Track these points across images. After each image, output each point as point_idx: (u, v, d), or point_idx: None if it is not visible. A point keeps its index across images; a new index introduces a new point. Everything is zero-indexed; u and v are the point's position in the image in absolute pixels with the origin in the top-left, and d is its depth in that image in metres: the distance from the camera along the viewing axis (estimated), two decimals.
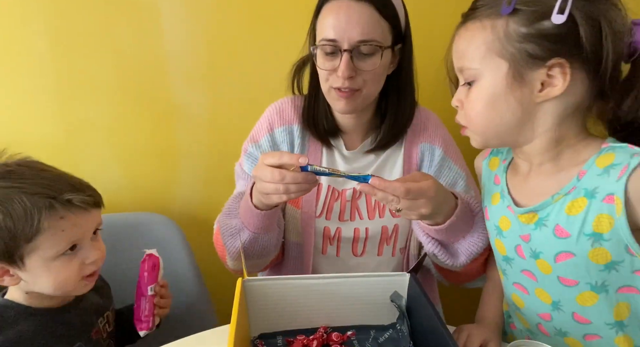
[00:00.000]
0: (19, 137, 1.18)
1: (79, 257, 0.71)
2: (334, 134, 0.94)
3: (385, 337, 0.73)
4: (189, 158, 1.26)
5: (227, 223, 0.86)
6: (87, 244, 0.72)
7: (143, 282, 0.81)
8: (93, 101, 1.17)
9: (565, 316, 0.68)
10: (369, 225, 0.93)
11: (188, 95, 1.20)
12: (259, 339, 0.73)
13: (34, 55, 1.12)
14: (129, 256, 1.11)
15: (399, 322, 0.73)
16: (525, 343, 0.61)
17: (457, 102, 0.68)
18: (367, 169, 0.94)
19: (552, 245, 0.64)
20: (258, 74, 1.18)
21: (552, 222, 0.64)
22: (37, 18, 1.09)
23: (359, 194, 0.93)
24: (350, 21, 0.77)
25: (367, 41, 0.78)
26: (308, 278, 0.74)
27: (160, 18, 1.13)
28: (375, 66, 0.81)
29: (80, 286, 0.73)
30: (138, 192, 1.27)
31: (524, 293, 0.73)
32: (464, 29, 0.65)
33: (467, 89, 0.66)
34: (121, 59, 1.15)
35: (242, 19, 1.14)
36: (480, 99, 0.64)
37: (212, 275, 1.19)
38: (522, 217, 0.69)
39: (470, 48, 0.64)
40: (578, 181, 0.62)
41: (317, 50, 0.83)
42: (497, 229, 0.74)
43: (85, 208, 0.70)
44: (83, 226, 0.71)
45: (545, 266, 0.67)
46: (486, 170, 0.80)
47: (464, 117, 0.68)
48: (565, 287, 0.66)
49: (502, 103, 0.63)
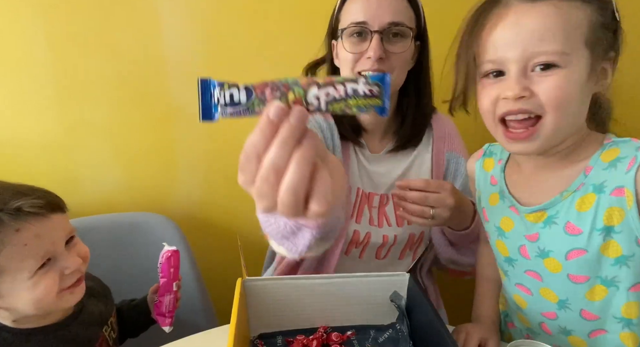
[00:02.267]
0: (18, 137, 1.18)
1: (56, 270, 0.65)
2: (358, 133, 0.92)
3: (385, 337, 0.73)
4: (189, 158, 1.26)
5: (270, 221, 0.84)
6: (62, 254, 0.66)
7: (169, 279, 0.81)
8: (92, 101, 1.17)
9: (572, 313, 0.67)
10: (397, 232, 0.93)
11: (187, 96, 1.20)
12: (258, 339, 0.73)
13: (33, 56, 1.12)
14: (129, 256, 1.11)
15: (398, 322, 0.73)
16: (525, 343, 0.61)
17: (525, 91, 0.58)
18: (394, 172, 0.93)
19: (563, 243, 0.64)
20: (258, 74, 1.17)
21: (562, 220, 0.64)
22: (36, 18, 1.09)
23: (386, 200, 0.92)
24: (381, 4, 0.79)
25: (397, 23, 0.79)
26: (308, 278, 0.74)
27: (160, 18, 1.13)
28: (405, 48, 0.81)
29: (65, 299, 0.67)
30: (138, 192, 1.26)
31: (527, 294, 0.72)
32: (549, 4, 0.57)
33: (538, 75, 0.58)
34: (120, 59, 1.15)
35: (242, 19, 1.14)
36: (563, 87, 0.58)
37: (212, 275, 1.19)
38: (529, 217, 0.68)
39: (563, 28, 0.57)
40: (585, 177, 0.62)
41: (343, 36, 0.82)
42: (498, 230, 0.73)
43: (42, 214, 0.64)
44: (48, 235, 0.64)
45: (554, 264, 0.66)
46: (480, 171, 0.79)
47: (537, 107, 0.59)
48: (575, 285, 0.65)
49: (580, 92, 0.59)
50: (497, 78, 0.62)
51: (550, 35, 0.57)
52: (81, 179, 1.23)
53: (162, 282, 0.81)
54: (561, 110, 0.58)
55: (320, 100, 0.38)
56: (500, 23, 0.60)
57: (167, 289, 0.81)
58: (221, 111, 0.39)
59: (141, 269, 1.11)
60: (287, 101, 0.37)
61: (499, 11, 0.61)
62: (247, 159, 0.36)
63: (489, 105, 0.63)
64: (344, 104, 0.38)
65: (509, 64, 0.59)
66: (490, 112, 0.63)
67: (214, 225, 1.29)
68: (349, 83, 0.38)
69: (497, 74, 0.62)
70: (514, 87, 0.58)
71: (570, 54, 0.57)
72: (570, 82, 0.58)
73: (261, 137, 0.36)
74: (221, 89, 0.39)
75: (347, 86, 0.38)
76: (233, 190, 1.24)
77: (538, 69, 0.58)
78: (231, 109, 0.39)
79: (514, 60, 0.59)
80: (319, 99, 0.38)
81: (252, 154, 0.36)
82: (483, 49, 0.62)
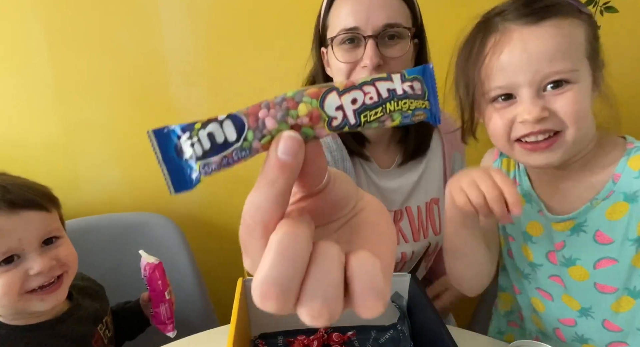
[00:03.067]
0: (18, 137, 1.18)
1: (20, 270, 0.62)
2: (362, 145, 0.86)
3: (386, 337, 0.73)
4: None
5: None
6: (32, 254, 0.63)
7: (159, 291, 0.80)
8: (93, 101, 1.17)
9: (594, 322, 0.66)
10: (415, 247, 0.88)
11: (187, 96, 1.20)
12: (259, 339, 0.73)
13: (33, 56, 1.12)
14: (129, 256, 1.11)
15: (399, 322, 0.73)
16: (525, 343, 0.60)
17: (544, 111, 0.58)
18: (406, 187, 0.87)
19: (592, 251, 0.63)
20: (258, 74, 1.18)
21: (591, 228, 0.62)
22: (36, 18, 1.09)
23: (400, 216, 0.87)
24: (373, 5, 0.70)
25: (393, 25, 0.71)
26: None
27: (160, 18, 1.13)
28: (404, 51, 0.73)
29: (34, 303, 0.64)
30: (138, 192, 1.26)
31: (548, 299, 0.71)
32: (552, 25, 0.58)
33: (551, 94, 0.58)
34: (121, 59, 1.14)
35: (242, 19, 1.14)
36: (579, 101, 0.58)
37: (212, 275, 1.19)
38: (556, 226, 0.66)
39: (569, 46, 0.58)
40: (614, 184, 0.61)
41: (334, 44, 0.74)
42: (524, 235, 0.71)
43: (7, 209, 0.62)
44: (14, 232, 0.62)
45: (581, 272, 0.65)
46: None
47: (557, 123, 0.59)
48: (601, 294, 0.64)
49: (589, 103, 0.60)
50: (508, 101, 0.61)
51: (560, 55, 0.57)
52: (81, 179, 1.23)
53: (153, 296, 0.81)
54: (580, 122, 0.58)
55: (346, 111, 0.24)
56: (505, 49, 0.59)
57: (160, 299, 0.81)
58: (202, 168, 0.24)
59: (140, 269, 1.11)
60: (296, 119, 0.24)
61: (499, 37, 0.60)
62: (250, 235, 0.24)
63: (502, 129, 0.62)
64: (382, 112, 0.25)
65: (520, 88, 0.59)
66: (503, 135, 0.62)
67: (214, 225, 1.29)
68: (380, 82, 0.25)
69: (505, 97, 0.61)
70: (532, 109, 0.57)
71: (579, 69, 0.58)
72: (583, 95, 0.58)
73: (269, 200, 0.23)
74: (190, 133, 0.24)
75: (379, 86, 0.25)
76: (233, 190, 1.24)
77: (550, 88, 0.58)
78: (216, 158, 0.24)
79: (527, 84, 0.58)
80: (344, 109, 0.24)
81: (258, 226, 0.23)
82: (488, 76, 0.61)
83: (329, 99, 0.24)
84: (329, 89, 0.24)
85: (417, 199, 0.88)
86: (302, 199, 0.27)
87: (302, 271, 0.22)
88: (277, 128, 0.24)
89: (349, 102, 0.24)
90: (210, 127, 0.24)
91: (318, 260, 0.22)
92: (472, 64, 0.63)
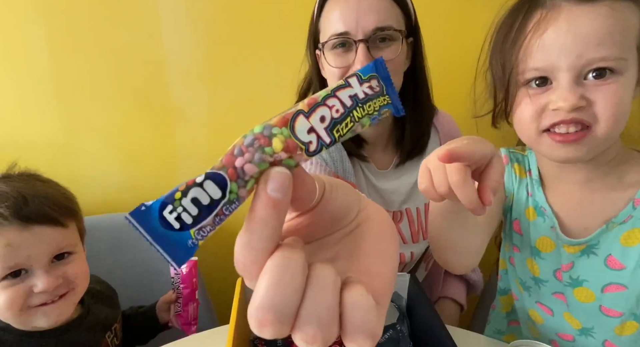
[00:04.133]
0: (19, 138, 1.18)
1: (25, 285, 0.61)
2: (360, 146, 0.86)
3: (385, 337, 0.73)
4: (189, 159, 1.25)
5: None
6: (39, 270, 0.62)
7: (192, 289, 0.81)
8: (93, 102, 1.17)
9: (594, 342, 0.64)
10: (414, 249, 0.88)
11: (187, 96, 1.20)
12: (258, 339, 0.73)
13: (33, 56, 1.12)
14: (129, 256, 1.11)
15: (399, 322, 0.73)
16: (525, 343, 0.60)
17: (581, 100, 0.52)
18: (404, 187, 0.87)
19: (601, 275, 0.60)
20: (257, 75, 1.18)
21: (604, 252, 0.60)
22: (36, 19, 1.09)
23: (399, 217, 0.87)
24: (362, 9, 0.69)
25: (384, 28, 0.70)
26: None
27: (160, 19, 1.13)
28: (397, 53, 0.72)
29: (37, 318, 0.63)
30: (138, 193, 1.26)
31: (548, 313, 0.69)
32: (606, 6, 0.52)
33: (592, 84, 0.53)
34: (121, 60, 1.14)
35: (242, 20, 1.14)
36: (621, 96, 0.53)
37: (212, 275, 1.19)
38: (568, 248, 0.63)
39: (621, 32, 0.52)
40: (634, 209, 0.58)
41: (325, 49, 0.74)
42: (532, 249, 0.67)
43: (19, 224, 0.60)
44: (24, 247, 0.61)
45: (587, 294, 0.62)
46: (511, 177, 0.71)
47: (591, 116, 0.54)
48: (606, 317, 0.62)
49: (630, 101, 0.55)
50: (542, 87, 0.56)
51: (609, 39, 0.51)
52: (81, 179, 1.23)
53: (186, 293, 0.81)
54: (616, 121, 0.53)
55: (319, 132, 0.24)
56: (549, 27, 0.53)
57: (191, 298, 0.81)
58: (197, 234, 0.23)
59: (141, 269, 1.11)
60: (273, 155, 0.23)
61: (545, 14, 0.54)
62: (245, 274, 0.23)
63: (532, 116, 0.57)
64: (351, 121, 0.25)
65: (559, 72, 0.53)
66: (532, 123, 0.57)
67: None
68: (340, 91, 0.25)
69: (540, 82, 0.56)
70: (569, 97, 0.52)
71: (628, 59, 0.52)
72: (626, 90, 0.53)
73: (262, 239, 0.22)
74: (172, 206, 0.23)
75: (341, 96, 0.25)
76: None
77: (591, 77, 0.52)
78: (208, 219, 0.23)
79: (567, 68, 0.52)
80: (315, 130, 0.24)
81: (253, 266, 0.22)
82: (527, 55, 0.56)
83: (298, 124, 0.24)
84: (295, 114, 0.24)
85: (416, 201, 0.88)
86: (296, 217, 0.26)
87: (298, 295, 0.21)
88: (259, 171, 0.23)
89: (318, 121, 0.24)
90: (192, 193, 0.23)
91: (312, 284, 0.22)
92: (511, 41, 0.57)
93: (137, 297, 0.91)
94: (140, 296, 0.92)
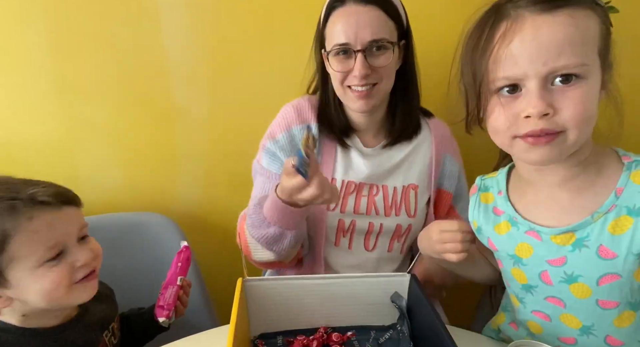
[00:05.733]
0: (19, 137, 1.18)
1: (67, 263, 0.66)
2: (348, 133, 0.96)
3: (386, 337, 0.73)
4: (189, 158, 1.25)
5: (261, 234, 0.85)
6: (74, 247, 0.67)
7: (174, 271, 0.84)
8: (93, 102, 1.17)
9: (596, 339, 0.65)
10: (384, 221, 0.95)
11: (188, 96, 1.20)
12: (259, 339, 0.73)
13: (34, 56, 1.12)
14: (129, 256, 1.11)
15: (399, 322, 0.73)
16: (525, 343, 0.60)
17: (548, 108, 0.56)
18: (387, 163, 0.96)
19: (595, 267, 0.61)
20: (258, 74, 1.18)
21: (594, 243, 0.61)
22: (37, 18, 1.09)
23: (376, 191, 0.95)
24: (360, 24, 0.82)
25: (378, 40, 0.83)
26: (308, 278, 0.73)
27: (160, 19, 1.13)
28: (389, 61, 0.86)
29: (77, 295, 0.67)
30: (138, 192, 1.26)
31: (545, 320, 0.69)
32: (566, 15, 0.55)
33: (559, 89, 0.56)
34: (121, 59, 1.14)
35: (242, 19, 1.14)
36: (587, 101, 0.56)
37: (212, 275, 1.19)
38: (555, 239, 0.64)
39: (581, 39, 0.55)
40: (617, 198, 0.60)
41: (330, 55, 0.87)
42: (513, 258, 0.69)
43: (55, 205, 0.65)
44: (61, 226, 0.65)
45: (582, 289, 0.63)
46: (477, 206, 0.76)
47: (560, 124, 0.57)
48: (603, 311, 0.63)
49: (596, 104, 0.58)
50: (513, 94, 0.59)
51: (571, 47, 0.54)
52: (81, 179, 1.23)
53: (168, 275, 0.83)
54: (584, 125, 0.56)
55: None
56: (515, 37, 0.56)
57: (171, 282, 0.83)
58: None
59: (141, 269, 1.11)
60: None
61: (510, 24, 0.57)
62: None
63: (504, 124, 0.60)
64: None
65: (527, 80, 0.56)
66: (505, 131, 0.60)
67: (214, 225, 1.29)
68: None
69: (510, 89, 0.59)
70: (537, 103, 0.55)
71: (590, 65, 0.55)
72: (592, 95, 0.56)
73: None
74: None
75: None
76: (233, 190, 1.24)
77: (558, 82, 0.55)
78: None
79: (534, 75, 0.55)
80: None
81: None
82: (496, 65, 0.58)
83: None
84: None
85: (395, 180, 0.96)
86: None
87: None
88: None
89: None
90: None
91: None
92: (480, 51, 0.60)
93: (136, 297, 0.91)
94: (140, 296, 0.92)
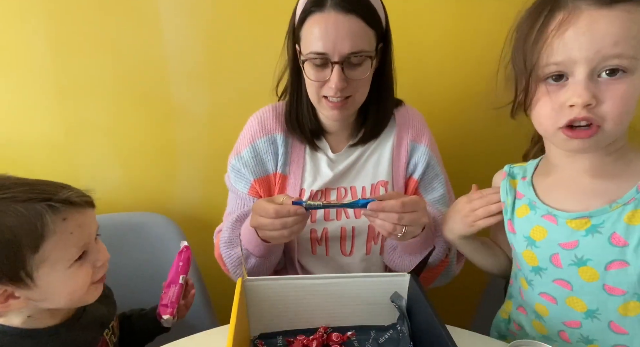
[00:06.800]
0: (19, 137, 1.18)
1: (89, 262, 0.67)
2: (319, 136, 0.94)
3: (386, 337, 0.73)
4: (189, 158, 1.26)
5: (231, 254, 0.90)
6: (94, 247, 0.68)
7: (176, 271, 0.84)
8: (93, 101, 1.17)
9: (601, 324, 0.66)
10: (355, 223, 0.93)
11: (187, 95, 1.20)
12: (259, 339, 0.73)
13: (34, 55, 1.12)
14: (129, 256, 1.11)
15: (399, 322, 0.73)
16: (525, 343, 0.60)
17: (592, 99, 0.58)
18: (354, 166, 0.95)
19: (605, 253, 0.63)
20: (257, 73, 1.18)
21: (608, 230, 0.62)
22: (37, 18, 1.09)
23: (344, 193, 0.93)
24: (339, 34, 0.77)
25: (357, 53, 0.79)
26: (308, 278, 0.73)
27: (160, 18, 1.13)
28: (366, 74, 0.83)
29: (92, 293, 0.69)
30: (138, 192, 1.26)
31: (552, 303, 0.71)
32: (623, 10, 0.57)
33: (605, 82, 0.58)
34: (121, 59, 1.15)
35: (242, 18, 1.14)
36: (630, 96, 0.58)
37: (212, 275, 1.19)
38: (571, 223, 0.66)
39: (637, 34, 0.57)
40: (637, 192, 0.62)
41: (305, 63, 0.83)
42: (527, 240, 0.72)
43: (84, 206, 0.66)
44: (87, 226, 0.67)
45: (590, 273, 0.65)
46: (506, 187, 0.78)
47: (596, 114, 0.59)
48: (609, 296, 0.64)
49: (637, 99, 0.59)
50: (559, 83, 0.60)
51: (626, 40, 0.56)
52: (81, 179, 1.23)
53: (170, 275, 0.83)
54: (622, 119, 0.59)
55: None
56: (570, 28, 0.58)
57: (174, 281, 0.83)
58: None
59: (141, 269, 1.11)
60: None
61: (567, 16, 0.59)
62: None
63: (550, 113, 0.62)
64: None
65: (576, 67, 0.58)
66: (550, 120, 0.63)
67: (214, 225, 1.29)
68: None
69: (557, 77, 0.60)
70: (583, 93, 0.57)
71: (639, 59, 0.57)
72: (635, 90, 0.58)
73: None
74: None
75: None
76: None
77: (605, 75, 0.57)
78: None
79: (584, 62, 0.57)
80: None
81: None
82: (547, 53, 0.60)
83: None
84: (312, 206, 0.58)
85: (364, 179, 0.95)
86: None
87: None
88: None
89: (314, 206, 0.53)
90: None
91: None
92: (533, 39, 0.62)
93: (136, 297, 0.91)
94: (140, 296, 0.92)
